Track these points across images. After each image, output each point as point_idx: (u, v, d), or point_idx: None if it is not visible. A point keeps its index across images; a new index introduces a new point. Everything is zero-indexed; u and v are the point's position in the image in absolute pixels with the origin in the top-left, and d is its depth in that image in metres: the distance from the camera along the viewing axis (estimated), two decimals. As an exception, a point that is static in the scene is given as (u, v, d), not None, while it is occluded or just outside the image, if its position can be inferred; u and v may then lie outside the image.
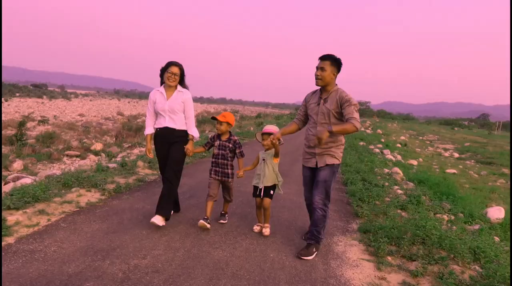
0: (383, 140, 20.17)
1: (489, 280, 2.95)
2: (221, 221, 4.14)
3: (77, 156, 12.35)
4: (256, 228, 3.99)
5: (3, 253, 2.99)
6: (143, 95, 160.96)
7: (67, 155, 12.26)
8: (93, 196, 4.79)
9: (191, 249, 3.33)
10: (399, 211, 5.12)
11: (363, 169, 8.00)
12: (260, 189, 3.83)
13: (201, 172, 6.67)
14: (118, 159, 9.97)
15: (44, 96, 64.11)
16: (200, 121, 25.92)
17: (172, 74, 3.82)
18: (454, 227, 4.65)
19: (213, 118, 4.01)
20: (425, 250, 3.61)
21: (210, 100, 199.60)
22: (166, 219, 3.89)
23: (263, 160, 3.83)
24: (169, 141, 3.94)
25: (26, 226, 3.59)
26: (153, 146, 4.15)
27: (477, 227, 5.13)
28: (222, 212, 4.24)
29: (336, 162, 3.48)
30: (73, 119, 27.43)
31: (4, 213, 3.71)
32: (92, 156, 12.30)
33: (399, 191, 6.46)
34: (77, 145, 14.20)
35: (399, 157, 13.95)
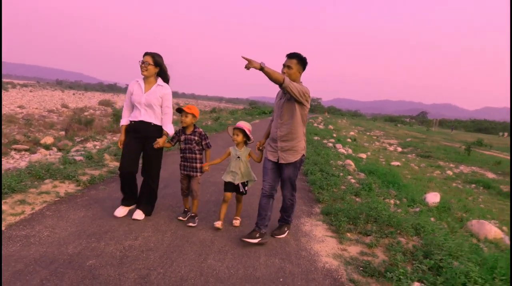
0: (335, 135, 21.30)
1: (427, 247, 3.61)
2: (190, 224, 3.85)
3: (26, 150, 11.88)
4: (218, 224, 3.85)
5: (7, 236, 3.15)
6: (89, 87, 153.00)
7: (15, 149, 11.76)
8: (68, 187, 4.91)
9: (177, 231, 3.67)
10: (353, 196, 5.77)
11: (320, 161, 8.67)
12: (235, 185, 3.89)
13: (170, 164, 6.91)
14: (73, 153, 9.84)
15: (-24, 86, 59.05)
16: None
17: (143, 63, 3.68)
18: (399, 210, 5.38)
19: (179, 110, 3.87)
20: (377, 227, 4.24)
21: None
22: (147, 215, 4.00)
23: (238, 157, 3.86)
24: (144, 137, 3.81)
25: (11, 215, 3.72)
26: None
27: (417, 209, 5.94)
28: (192, 214, 3.97)
29: (298, 157, 3.59)
30: (12, 112, 25.69)
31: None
32: (43, 150, 11.91)
33: (353, 180, 7.18)
34: (22, 138, 13.60)
35: (350, 151, 14.95)
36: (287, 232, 3.90)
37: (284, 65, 3.48)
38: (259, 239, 3.53)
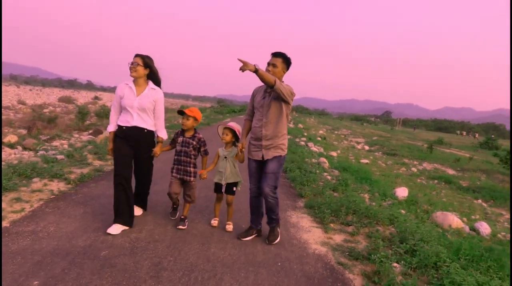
0: (305, 134, 21.92)
1: (402, 234, 4.07)
2: (180, 227, 3.80)
3: (-14, 149, 11.49)
4: (214, 222, 3.99)
5: (6, 234, 3.28)
6: (47, 83, 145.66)
7: (-26, 149, 11.36)
8: (59, 185, 5.01)
9: (178, 224, 3.92)
10: (331, 192, 6.21)
11: (296, 159, 9.09)
12: (223, 185, 3.91)
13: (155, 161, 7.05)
14: (42, 152, 9.71)
15: None
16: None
17: (132, 64, 3.55)
18: (374, 203, 5.86)
19: (180, 112, 3.81)
20: (357, 218, 4.67)
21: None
22: (144, 209, 4.18)
23: (225, 157, 3.87)
24: (136, 143, 3.68)
25: (12, 212, 3.83)
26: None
27: (389, 202, 6.46)
28: (182, 217, 3.91)
29: (282, 153, 3.62)
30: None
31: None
32: (7, 149, 11.59)
33: (328, 177, 7.64)
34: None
35: (321, 149, 15.55)
36: (279, 233, 3.86)
37: (269, 63, 3.49)
38: (255, 235, 3.83)
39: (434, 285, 2.94)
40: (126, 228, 3.64)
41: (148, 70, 3.67)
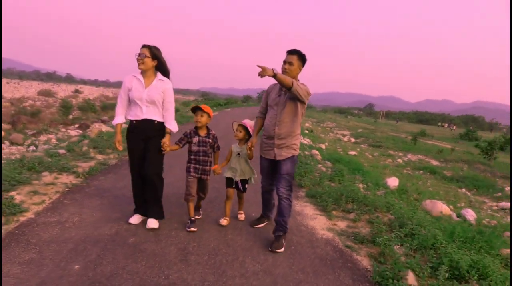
0: (294, 127, 22.21)
1: (400, 220, 4.40)
2: (196, 217, 3.94)
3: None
4: (223, 221, 3.94)
5: (35, 225, 3.45)
6: (24, 75, 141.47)
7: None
8: (69, 179, 5.15)
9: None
10: (328, 182, 6.53)
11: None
12: (236, 182, 3.95)
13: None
14: (32, 148, 9.73)
15: None
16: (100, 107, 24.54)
17: (139, 56, 3.45)
18: (369, 192, 6.21)
19: (194, 109, 3.73)
20: (356, 206, 4.99)
21: (106, 84, 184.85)
22: (160, 218, 3.79)
23: (238, 154, 3.92)
24: (147, 136, 3.59)
25: (33, 204, 3.98)
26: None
27: (383, 191, 6.82)
28: (192, 218, 3.80)
29: (295, 153, 3.58)
30: None
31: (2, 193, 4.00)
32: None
33: (323, 168, 7.96)
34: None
35: (310, 142, 15.90)
36: (284, 244, 3.53)
37: (285, 61, 3.45)
38: (266, 222, 4.11)
39: (435, 263, 3.26)
40: (145, 217, 3.76)
41: (156, 62, 3.55)
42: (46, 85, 68.02)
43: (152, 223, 3.66)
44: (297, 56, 3.44)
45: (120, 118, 3.70)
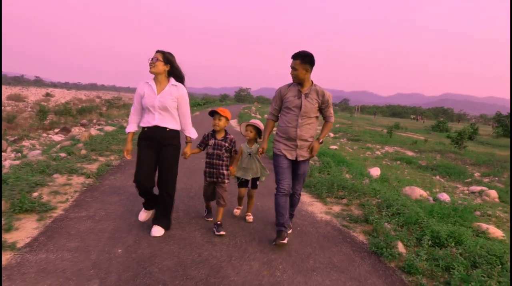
0: (275, 124, 22.84)
1: (387, 202, 5.01)
2: (221, 233, 3.67)
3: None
4: (236, 211, 4.30)
5: (68, 219, 3.83)
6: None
7: None
8: (80, 179, 5.48)
9: (217, 231, 4.31)
10: (318, 173, 7.11)
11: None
12: (247, 181, 4.11)
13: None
14: (18, 154, 9.88)
15: None
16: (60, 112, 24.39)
17: (151, 59, 3.41)
18: (355, 181, 6.83)
19: (212, 113, 3.72)
20: (347, 192, 5.59)
21: (78, 86, 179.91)
22: (166, 229, 3.67)
23: (249, 154, 4.02)
24: (160, 144, 3.53)
25: (59, 202, 4.34)
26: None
27: (367, 180, 7.47)
28: (218, 222, 3.74)
29: (313, 154, 3.72)
30: None
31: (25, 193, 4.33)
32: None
33: (311, 162, 8.56)
34: None
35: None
36: (286, 237, 3.62)
37: (291, 66, 3.50)
38: (289, 231, 3.87)
39: (419, 235, 3.87)
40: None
41: (168, 67, 3.50)
42: (15, 90, 65.75)
43: (156, 230, 3.57)
44: (300, 61, 3.44)
45: (132, 126, 3.67)
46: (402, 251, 3.55)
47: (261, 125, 4.03)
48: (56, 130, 19.19)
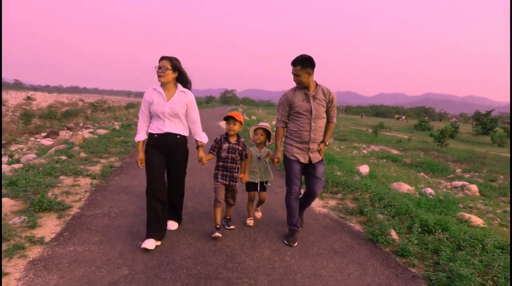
0: (263, 125, 23.17)
1: (378, 196, 5.42)
2: (232, 227, 3.98)
3: None
4: (250, 222, 4.15)
5: (84, 216, 4.09)
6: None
7: None
8: (86, 180, 5.72)
9: (227, 225, 4.71)
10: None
11: (271, 147, 10.27)
12: (257, 184, 4.09)
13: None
14: (9, 159, 9.96)
15: None
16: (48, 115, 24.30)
17: (160, 68, 3.37)
18: (346, 178, 7.23)
19: (227, 118, 3.76)
20: (341, 188, 5.97)
21: (59, 89, 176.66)
22: (179, 223, 3.95)
23: (259, 158, 4.05)
24: (170, 150, 3.54)
25: (73, 201, 4.58)
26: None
27: (357, 177, 7.89)
28: (228, 217, 4.07)
29: (322, 155, 3.80)
30: None
31: (38, 196, 4.55)
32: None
33: (303, 160, 8.95)
34: None
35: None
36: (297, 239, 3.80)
37: (292, 73, 3.55)
38: (300, 229, 3.92)
39: (410, 223, 4.27)
40: (159, 243, 3.47)
41: (176, 73, 3.49)
42: (-5, 94, 64.36)
43: (172, 224, 3.83)
44: (300, 66, 3.46)
45: (141, 135, 3.59)
46: (395, 237, 3.94)
47: (270, 128, 4.08)
48: (43, 134, 19.10)
